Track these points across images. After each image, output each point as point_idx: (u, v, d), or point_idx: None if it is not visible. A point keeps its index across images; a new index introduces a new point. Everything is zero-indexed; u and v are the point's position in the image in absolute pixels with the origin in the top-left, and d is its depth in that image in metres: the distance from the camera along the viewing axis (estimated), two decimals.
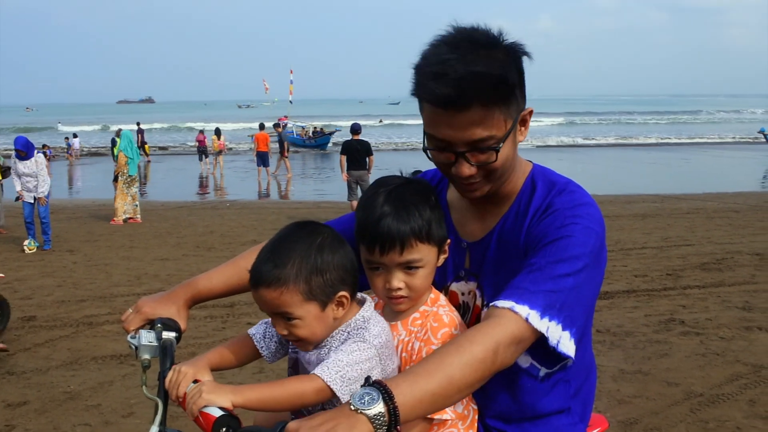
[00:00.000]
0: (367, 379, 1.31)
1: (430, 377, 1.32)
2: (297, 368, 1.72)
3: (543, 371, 1.66)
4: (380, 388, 1.26)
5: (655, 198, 16.40)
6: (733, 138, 41.71)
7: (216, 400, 1.43)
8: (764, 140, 33.50)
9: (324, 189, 20.48)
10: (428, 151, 1.62)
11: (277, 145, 25.21)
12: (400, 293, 1.64)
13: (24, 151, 11.08)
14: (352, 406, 1.23)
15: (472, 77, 1.46)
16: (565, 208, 1.58)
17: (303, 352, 1.65)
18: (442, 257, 1.71)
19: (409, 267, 1.63)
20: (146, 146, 30.94)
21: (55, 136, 45.38)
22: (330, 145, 38.05)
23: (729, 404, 4.52)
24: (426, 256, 1.64)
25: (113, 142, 23.01)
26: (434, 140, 1.57)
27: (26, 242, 11.01)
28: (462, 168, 1.56)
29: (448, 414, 1.63)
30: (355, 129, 13.59)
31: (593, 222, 1.57)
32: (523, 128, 1.63)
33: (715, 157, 30.98)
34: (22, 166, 11.21)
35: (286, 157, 25.02)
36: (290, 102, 48.53)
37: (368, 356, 1.51)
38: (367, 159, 13.12)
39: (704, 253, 9.56)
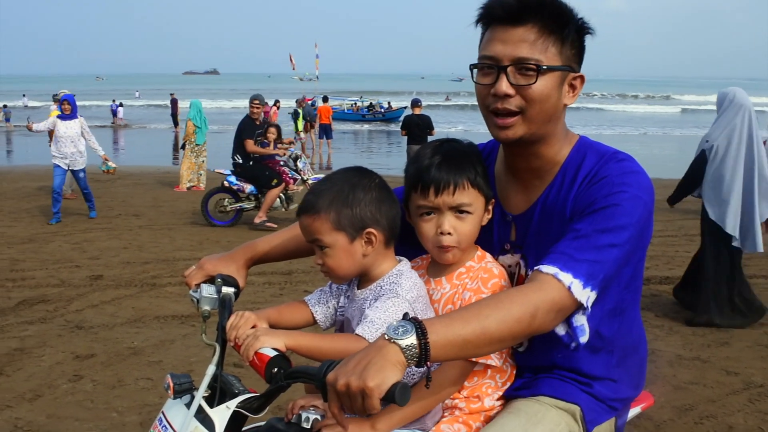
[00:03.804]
0: (405, 314, 1.35)
1: (466, 324, 1.35)
2: (343, 330, 1.82)
3: (575, 343, 1.65)
4: (416, 323, 1.31)
5: None
6: None
7: (271, 341, 1.52)
8: None
9: (388, 163, 20.41)
10: (474, 75, 1.65)
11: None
12: (449, 240, 1.67)
13: (71, 106, 10.17)
14: (386, 336, 1.29)
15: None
16: (614, 175, 1.57)
17: (349, 317, 1.75)
18: (486, 216, 1.74)
19: (459, 211, 1.68)
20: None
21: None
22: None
23: None
24: (475, 201, 1.69)
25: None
26: (483, 60, 1.62)
27: (51, 221, 10.21)
28: (501, 84, 1.57)
29: (493, 360, 1.66)
30: (416, 103, 13.45)
31: (642, 190, 1.56)
32: (571, 93, 1.64)
33: None
34: (64, 127, 10.09)
35: (312, 131, 24.60)
36: (317, 77, 48.28)
37: (402, 310, 1.59)
38: (429, 134, 12.98)
39: None
